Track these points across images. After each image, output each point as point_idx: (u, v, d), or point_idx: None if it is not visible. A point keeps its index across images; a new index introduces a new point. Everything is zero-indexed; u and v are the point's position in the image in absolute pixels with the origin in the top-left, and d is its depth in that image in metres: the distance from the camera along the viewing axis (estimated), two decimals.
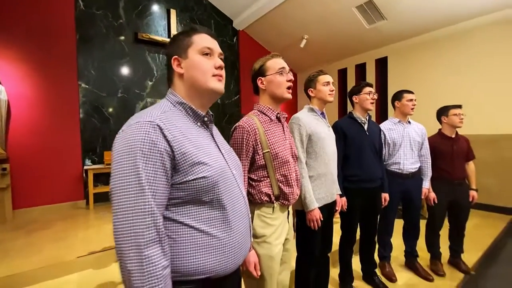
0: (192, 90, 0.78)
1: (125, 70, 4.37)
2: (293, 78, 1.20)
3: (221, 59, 0.82)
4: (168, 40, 4.65)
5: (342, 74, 5.94)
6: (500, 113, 3.69)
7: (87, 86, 4.05)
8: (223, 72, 0.81)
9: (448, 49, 4.16)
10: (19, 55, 3.54)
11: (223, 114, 5.53)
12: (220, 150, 0.81)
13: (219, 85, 0.79)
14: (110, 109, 4.25)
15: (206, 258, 0.68)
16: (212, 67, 0.78)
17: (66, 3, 3.84)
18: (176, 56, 0.78)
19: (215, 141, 0.82)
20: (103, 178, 4.18)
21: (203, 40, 0.79)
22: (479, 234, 3.04)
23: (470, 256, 2.48)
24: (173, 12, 4.78)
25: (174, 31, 4.74)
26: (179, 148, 0.67)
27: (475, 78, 3.90)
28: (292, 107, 6.32)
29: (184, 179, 0.67)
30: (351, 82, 5.65)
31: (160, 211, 0.64)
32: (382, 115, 5.14)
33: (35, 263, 2.22)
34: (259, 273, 1.06)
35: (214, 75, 0.78)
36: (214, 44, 0.81)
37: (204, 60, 0.77)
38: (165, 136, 0.65)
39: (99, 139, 4.16)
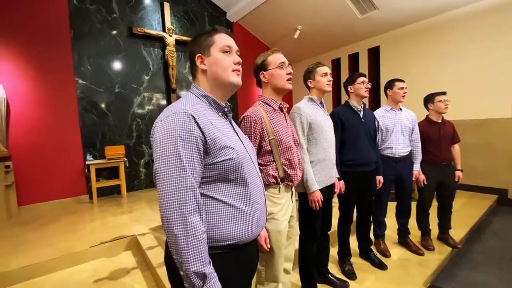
0: (215, 84, 0.89)
1: (121, 65, 4.39)
2: (292, 71, 1.31)
3: (238, 55, 0.92)
4: (162, 33, 4.66)
5: (336, 64, 6.04)
6: (487, 98, 3.86)
7: (84, 82, 4.06)
8: (240, 67, 0.92)
9: (437, 37, 4.29)
10: (14, 53, 3.54)
11: None
12: (238, 137, 0.92)
13: (238, 79, 0.90)
14: (108, 105, 4.29)
15: (232, 227, 0.80)
16: (231, 63, 0.88)
17: None
18: (200, 54, 0.88)
19: (234, 128, 0.94)
20: (104, 173, 4.25)
21: (223, 39, 0.89)
22: (466, 212, 3.25)
23: (458, 232, 2.68)
24: (166, 5, 4.77)
25: (168, 24, 4.74)
26: (209, 134, 0.77)
27: (463, 65, 4.05)
28: (287, 96, 6.41)
29: (214, 161, 0.78)
30: (344, 72, 5.76)
31: (198, 186, 0.75)
32: (375, 103, 5.29)
33: (48, 255, 2.32)
34: (269, 246, 1.19)
35: (233, 70, 0.89)
36: (232, 42, 0.91)
37: (225, 57, 0.88)
38: (198, 125, 0.76)
39: (99, 135, 4.21)
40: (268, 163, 1.26)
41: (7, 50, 3.49)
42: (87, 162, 3.95)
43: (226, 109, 0.92)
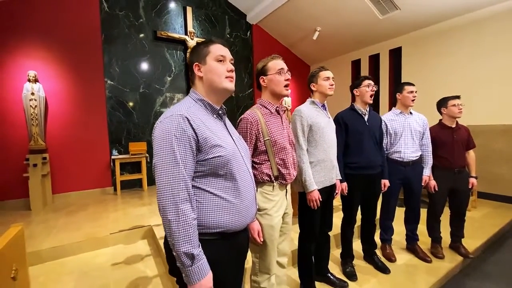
0: (210, 89, 1.00)
1: (146, 67, 4.69)
2: (290, 78, 1.39)
3: (231, 63, 1.02)
4: (184, 37, 4.90)
5: (355, 65, 5.94)
6: None
7: (112, 83, 4.41)
8: (234, 74, 1.02)
9: (462, 38, 4.09)
10: (53, 56, 3.94)
11: (237, 107, 5.76)
12: (231, 136, 1.02)
13: (231, 85, 1.01)
14: (133, 104, 4.61)
15: (221, 216, 0.91)
16: (225, 71, 0.99)
17: (92, 6, 4.18)
18: (197, 63, 1.00)
19: (227, 129, 1.04)
20: (128, 167, 4.57)
21: (218, 49, 1.00)
22: (487, 222, 3.09)
23: (474, 242, 2.58)
24: (189, 10, 5.01)
25: (190, 28, 4.98)
26: (201, 134, 0.88)
27: (490, 67, 3.83)
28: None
29: (206, 157, 0.89)
30: (365, 73, 5.65)
31: (190, 179, 0.87)
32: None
33: (75, 238, 2.59)
34: (262, 239, 1.28)
35: (227, 77, 0.99)
36: (226, 52, 1.02)
37: (219, 66, 0.98)
38: (191, 125, 0.87)
39: (124, 132, 4.54)
40: (263, 162, 1.34)
41: (47, 53, 3.89)
42: (112, 157, 4.28)
43: (220, 112, 1.02)
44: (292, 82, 6.48)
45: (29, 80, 3.63)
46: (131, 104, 4.59)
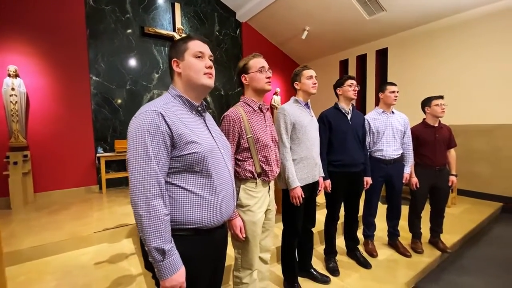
0: (188, 86, 0.99)
1: (133, 63, 4.61)
2: (271, 75, 1.40)
3: (211, 60, 1.02)
4: (173, 33, 4.85)
5: (343, 65, 6.03)
6: (494, 103, 3.77)
7: (97, 79, 4.31)
8: (212, 71, 1.02)
9: (446, 40, 4.22)
10: (35, 50, 3.81)
11: (227, 105, 5.74)
12: (211, 133, 1.02)
13: (210, 81, 1.00)
14: (119, 101, 4.52)
15: (196, 212, 0.91)
16: (203, 67, 0.98)
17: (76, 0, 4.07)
18: (175, 59, 0.99)
19: (207, 126, 1.04)
20: (114, 165, 4.49)
21: (196, 46, 0.99)
22: (466, 218, 3.22)
23: (452, 237, 2.68)
24: (177, 6, 4.95)
25: (178, 25, 4.92)
26: (176, 130, 0.88)
27: (471, 69, 3.97)
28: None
29: (181, 153, 0.89)
30: (352, 73, 5.74)
31: (163, 175, 0.86)
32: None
33: (58, 237, 2.53)
34: (244, 235, 1.30)
35: (205, 73, 0.99)
36: (205, 48, 1.01)
37: (197, 62, 0.98)
38: (165, 121, 0.87)
39: (110, 129, 4.45)
40: (246, 159, 1.36)
41: (29, 48, 3.77)
42: (97, 155, 4.20)
43: (199, 108, 1.02)
44: (281, 81, 6.53)
45: (9, 75, 3.50)
46: (117, 101, 4.50)
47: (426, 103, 2.43)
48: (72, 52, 4.07)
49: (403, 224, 2.54)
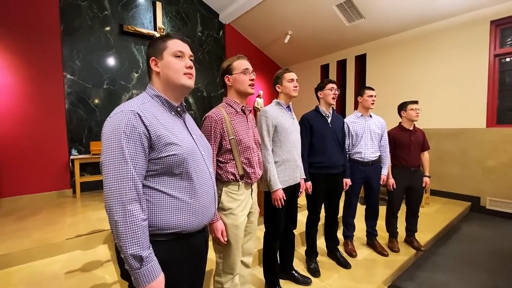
0: (167, 86, 0.96)
1: (110, 62, 4.43)
2: (254, 77, 1.40)
3: (191, 60, 1.00)
4: (153, 32, 4.73)
5: (324, 70, 6.17)
6: (463, 108, 4.02)
7: (72, 77, 4.10)
8: (193, 71, 0.99)
9: (418, 48, 4.45)
10: (1, 45, 3.56)
11: (210, 106, 5.67)
12: (191, 135, 0.99)
13: (190, 82, 0.97)
14: (96, 100, 4.33)
15: (175, 216, 0.88)
16: (183, 67, 0.95)
17: None
18: (154, 58, 0.96)
19: (187, 127, 1.01)
20: (89, 168, 4.28)
21: (175, 45, 0.96)
22: (438, 217, 3.39)
23: (425, 235, 2.81)
24: (158, 5, 4.83)
25: (160, 24, 4.81)
26: (155, 131, 0.85)
27: (443, 75, 4.20)
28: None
29: (159, 156, 0.85)
30: (333, 77, 5.89)
31: (140, 178, 0.82)
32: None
33: (25, 245, 2.36)
34: (225, 239, 1.27)
35: (185, 73, 0.96)
36: (185, 48, 0.98)
37: (176, 61, 0.95)
38: (143, 122, 0.83)
39: (85, 130, 4.24)
40: (228, 161, 1.34)
41: None
42: (71, 157, 3.98)
43: (179, 109, 0.99)
44: (264, 84, 6.56)
45: None
46: (94, 100, 4.30)
47: (402, 107, 2.54)
48: (44, 48, 3.84)
49: (380, 223, 2.63)
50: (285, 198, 1.67)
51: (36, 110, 3.82)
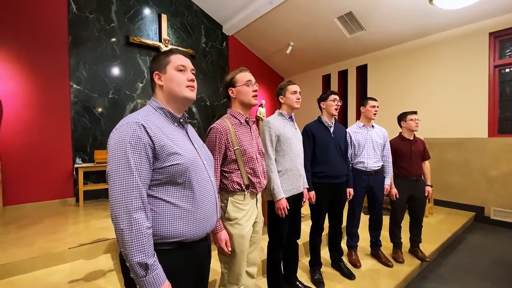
0: (170, 98, 1.00)
1: (116, 72, 4.53)
2: (257, 89, 1.44)
3: (192, 73, 1.04)
4: (158, 43, 4.84)
5: (326, 80, 6.25)
6: (465, 118, 4.04)
7: (78, 87, 4.18)
8: (194, 84, 1.04)
9: (420, 59, 4.52)
10: (11, 55, 3.66)
11: (212, 116, 5.74)
12: (193, 145, 1.03)
13: (192, 94, 1.02)
14: (101, 110, 4.39)
15: (179, 225, 0.90)
16: (185, 80, 1.00)
17: (59, 6, 3.98)
18: (157, 72, 1.00)
19: (189, 137, 1.04)
20: (93, 176, 4.31)
21: (178, 59, 1.01)
22: (442, 227, 3.36)
23: (430, 246, 2.78)
24: (164, 17, 4.97)
25: (164, 35, 4.93)
26: (158, 142, 0.88)
27: (443, 86, 4.25)
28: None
29: (163, 165, 0.88)
30: (334, 88, 5.96)
31: (145, 187, 0.85)
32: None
33: (27, 254, 2.36)
34: (229, 249, 1.28)
35: (187, 86, 1.00)
36: (187, 62, 1.03)
37: (179, 75, 1.00)
38: (148, 133, 0.86)
39: (90, 139, 4.29)
40: (233, 171, 1.36)
41: (3, 51, 3.61)
42: (75, 165, 4.02)
43: (181, 120, 1.03)
44: (267, 93, 6.64)
45: None
46: (99, 110, 4.37)
47: (401, 117, 2.57)
48: (52, 59, 3.94)
49: (384, 234, 2.61)
50: (288, 208, 1.68)
51: (41, 118, 3.89)
